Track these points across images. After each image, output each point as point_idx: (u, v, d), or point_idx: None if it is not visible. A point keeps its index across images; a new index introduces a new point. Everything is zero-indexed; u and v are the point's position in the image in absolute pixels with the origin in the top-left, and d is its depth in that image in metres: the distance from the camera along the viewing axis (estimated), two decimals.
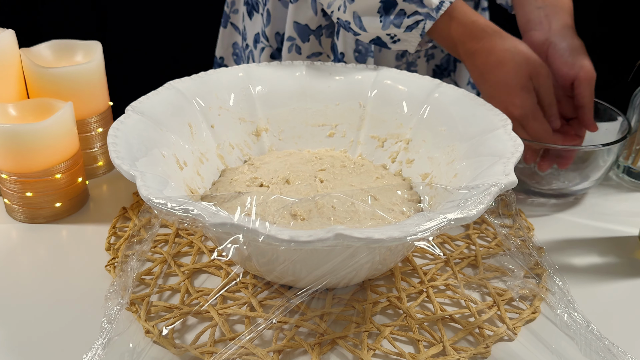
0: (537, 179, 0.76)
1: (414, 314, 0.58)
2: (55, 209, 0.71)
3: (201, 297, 0.60)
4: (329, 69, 0.76)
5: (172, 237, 0.68)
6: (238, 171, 0.69)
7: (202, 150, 0.68)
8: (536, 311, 0.59)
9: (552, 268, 0.62)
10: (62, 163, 0.69)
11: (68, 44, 0.78)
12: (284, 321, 0.56)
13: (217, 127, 0.71)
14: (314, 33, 0.89)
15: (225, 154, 0.71)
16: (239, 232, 0.46)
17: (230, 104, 0.72)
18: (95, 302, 0.59)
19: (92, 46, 0.77)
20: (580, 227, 0.73)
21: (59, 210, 0.71)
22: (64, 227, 0.71)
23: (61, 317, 0.58)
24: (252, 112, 0.74)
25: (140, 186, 0.50)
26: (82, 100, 0.75)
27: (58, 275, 0.63)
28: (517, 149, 0.58)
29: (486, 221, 0.72)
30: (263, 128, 0.74)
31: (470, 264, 0.66)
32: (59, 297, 0.60)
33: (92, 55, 0.76)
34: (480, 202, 0.50)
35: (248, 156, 0.73)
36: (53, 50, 0.78)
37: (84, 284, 0.62)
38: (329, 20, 0.88)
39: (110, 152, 0.56)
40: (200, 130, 0.69)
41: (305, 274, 0.53)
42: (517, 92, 0.70)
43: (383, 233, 0.46)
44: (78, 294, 0.61)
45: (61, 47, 0.78)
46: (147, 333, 0.55)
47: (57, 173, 0.69)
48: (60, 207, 0.71)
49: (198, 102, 0.70)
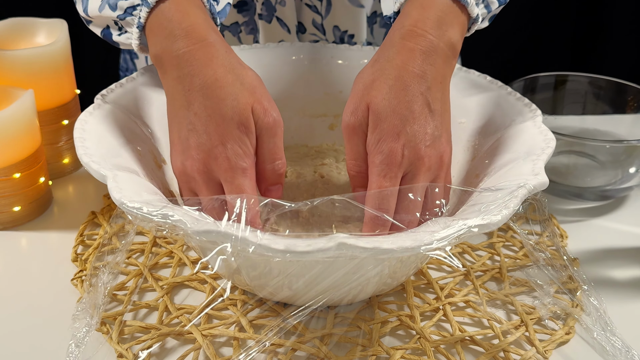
0: (571, 179, 0.76)
1: (429, 335, 0.58)
2: (13, 214, 0.71)
3: (182, 315, 0.59)
4: (331, 51, 0.77)
5: (148, 247, 0.67)
6: None
7: None
8: (570, 332, 0.59)
9: (587, 284, 0.62)
10: (21, 160, 0.69)
11: (28, 22, 0.78)
12: (279, 344, 0.56)
13: None
14: (229, 29, 0.89)
15: None
16: (227, 241, 0.46)
17: None
18: (61, 321, 0.58)
19: (56, 25, 0.77)
20: (621, 235, 0.73)
21: (18, 215, 0.71)
22: (24, 235, 0.71)
23: (21, 340, 0.58)
24: None
25: (112, 188, 0.50)
26: (44, 87, 0.74)
27: (16, 291, 0.63)
28: (549, 145, 0.58)
29: (512, 228, 0.72)
30: None
31: (493, 278, 0.66)
32: (18, 317, 0.60)
33: (56, 36, 0.76)
34: (506, 206, 0.50)
35: None
36: (10, 30, 0.78)
37: (47, 301, 0.62)
38: (247, 16, 0.88)
39: (77, 148, 0.56)
40: None
41: (302, 289, 0.53)
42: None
43: (393, 242, 0.46)
44: (40, 313, 0.60)
45: (20, 26, 0.78)
46: (120, 357, 0.55)
47: (15, 172, 0.69)
48: (19, 211, 0.71)
49: None
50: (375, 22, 0.91)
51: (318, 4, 0.87)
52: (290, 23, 0.87)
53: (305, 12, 0.88)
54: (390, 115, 0.55)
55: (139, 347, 0.56)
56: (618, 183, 0.76)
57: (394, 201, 0.55)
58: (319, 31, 0.89)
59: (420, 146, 0.55)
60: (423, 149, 0.55)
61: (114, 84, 0.65)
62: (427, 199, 0.55)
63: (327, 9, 0.87)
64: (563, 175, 0.77)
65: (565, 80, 0.87)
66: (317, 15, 0.87)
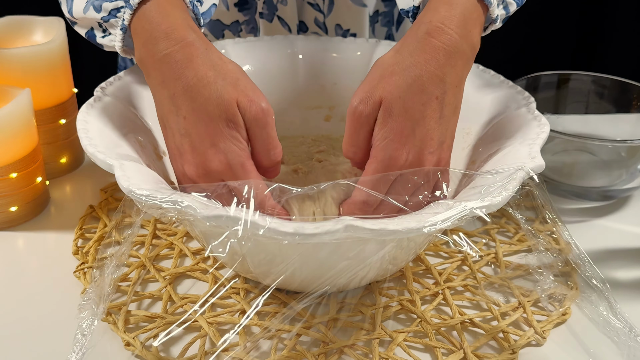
0: (573, 178, 0.76)
1: (430, 318, 0.60)
2: (10, 214, 0.71)
3: (186, 304, 0.61)
4: (324, 44, 0.78)
5: (149, 239, 0.69)
6: None
7: None
8: (567, 312, 0.61)
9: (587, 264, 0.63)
10: (17, 160, 0.69)
11: (25, 20, 0.78)
12: (284, 329, 0.58)
13: None
14: (230, 29, 0.91)
15: None
16: (236, 226, 0.48)
17: None
18: (65, 313, 0.60)
19: (53, 23, 0.77)
20: (624, 236, 0.73)
21: (15, 215, 0.71)
22: (21, 235, 0.71)
23: (28, 332, 0.59)
24: None
25: (119, 177, 0.52)
26: (41, 86, 0.75)
27: (16, 290, 0.64)
28: (543, 130, 0.60)
29: (506, 214, 0.74)
30: None
31: (490, 262, 0.68)
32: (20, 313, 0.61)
33: (53, 34, 0.76)
34: (505, 188, 0.52)
35: None
36: (7, 28, 0.78)
37: (49, 297, 0.63)
38: (247, 15, 0.89)
39: (81, 139, 0.57)
40: None
41: (307, 274, 0.55)
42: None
43: (399, 223, 0.48)
44: (44, 307, 0.61)
45: (17, 24, 0.78)
46: (127, 346, 0.57)
47: (12, 172, 0.69)
48: (15, 211, 0.71)
49: None
50: (377, 22, 0.92)
51: (320, 2, 0.87)
52: (291, 22, 0.87)
53: (307, 10, 0.88)
54: (402, 115, 0.55)
55: (145, 335, 0.57)
56: (621, 183, 0.76)
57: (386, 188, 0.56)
58: (320, 30, 0.89)
59: (424, 152, 0.56)
60: (425, 155, 0.56)
61: (112, 77, 0.67)
62: (429, 182, 0.57)
63: (330, 7, 0.88)
64: (565, 175, 0.77)
65: (568, 79, 0.86)
66: (319, 14, 0.88)
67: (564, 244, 0.65)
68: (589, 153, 0.76)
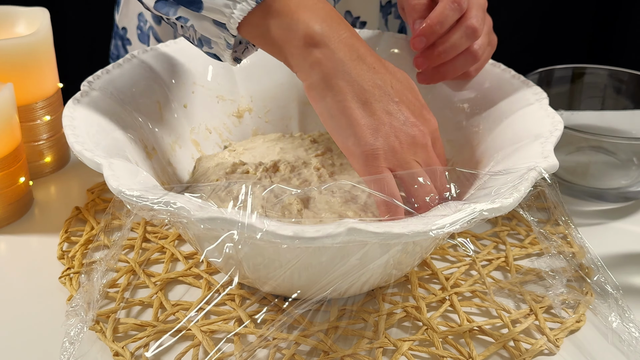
0: (589, 179, 0.76)
1: (436, 325, 0.60)
2: None
3: (178, 312, 0.61)
4: None
5: (138, 242, 0.69)
6: (217, 157, 0.70)
7: (173, 135, 0.70)
8: (581, 320, 0.61)
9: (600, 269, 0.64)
10: None
11: (6, 11, 0.78)
12: (282, 338, 0.58)
13: (191, 107, 0.72)
14: None
15: (200, 140, 0.73)
16: (233, 229, 0.48)
17: (207, 79, 0.74)
18: (50, 322, 0.60)
19: (37, 14, 0.77)
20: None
21: None
22: (3, 239, 0.71)
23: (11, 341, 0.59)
24: (233, 89, 0.75)
25: (108, 176, 0.51)
26: (24, 81, 0.75)
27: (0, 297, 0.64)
28: (557, 127, 0.60)
29: (517, 216, 0.74)
30: (245, 108, 0.76)
31: (499, 267, 0.68)
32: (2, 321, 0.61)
33: (37, 26, 0.76)
34: (517, 189, 0.52)
35: (228, 141, 0.75)
36: None
37: (34, 304, 0.62)
38: None
39: (67, 136, 0.57)
40: (170, 111, 0.70)
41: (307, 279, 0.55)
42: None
43: (404, 227, 0.48)
44: (27, 314, 0.61)
45: None
46: (115, 356, 0.57)
47: None
48: None
49: (167, 77, 0.71)
50: (390, 13, 0.93)
51: None
52: None
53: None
54: None
55: (134, 344, 0.57)
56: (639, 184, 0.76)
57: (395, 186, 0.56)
58: None
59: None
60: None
61: (100, 70, 0.66)
62: (435, 183, 0.57)
63: None
64: (581, 175, 0.77)
65: (583, 73, 0.85)
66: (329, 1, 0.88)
67: (577, 247, 0.65)
68: (605, 151, 0.76)
